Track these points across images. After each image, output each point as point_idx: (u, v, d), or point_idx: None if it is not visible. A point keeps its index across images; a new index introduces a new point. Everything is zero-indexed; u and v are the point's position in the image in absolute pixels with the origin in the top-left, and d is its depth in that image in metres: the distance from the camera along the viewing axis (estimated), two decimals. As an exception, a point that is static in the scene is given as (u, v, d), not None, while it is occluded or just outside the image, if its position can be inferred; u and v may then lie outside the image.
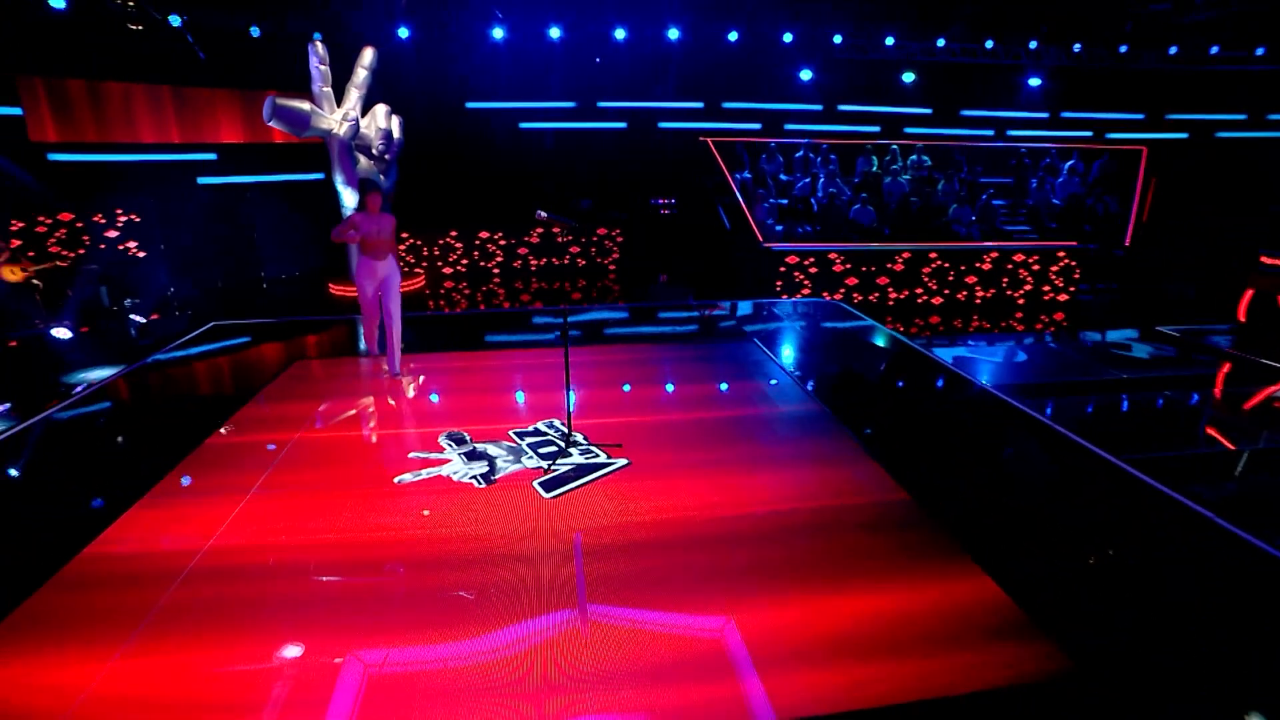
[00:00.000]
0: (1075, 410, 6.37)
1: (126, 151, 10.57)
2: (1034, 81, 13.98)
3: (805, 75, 13.64)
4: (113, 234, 10.93)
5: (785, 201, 12.40)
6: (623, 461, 4.88)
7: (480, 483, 4.61)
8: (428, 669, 3.01)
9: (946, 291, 11.07)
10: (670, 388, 6.54)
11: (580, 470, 4.75)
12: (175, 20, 10.21)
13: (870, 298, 10.93)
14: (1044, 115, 14.96)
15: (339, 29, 11.36)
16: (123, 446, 5.51)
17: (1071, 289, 11.40)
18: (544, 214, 4.76)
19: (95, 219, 10.73)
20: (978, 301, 11.15)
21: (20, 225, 10.12)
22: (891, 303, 10.98)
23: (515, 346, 8.12)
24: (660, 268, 12.53)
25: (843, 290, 10.89)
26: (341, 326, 9.18)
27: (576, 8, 12.49)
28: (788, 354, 7.54)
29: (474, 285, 12.60)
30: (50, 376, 7.32)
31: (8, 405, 6.62)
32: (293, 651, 3.13)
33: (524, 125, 14.08)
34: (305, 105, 9.55)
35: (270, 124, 9.37)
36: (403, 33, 12.26)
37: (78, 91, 9.99)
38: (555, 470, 4.74)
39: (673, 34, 12.80)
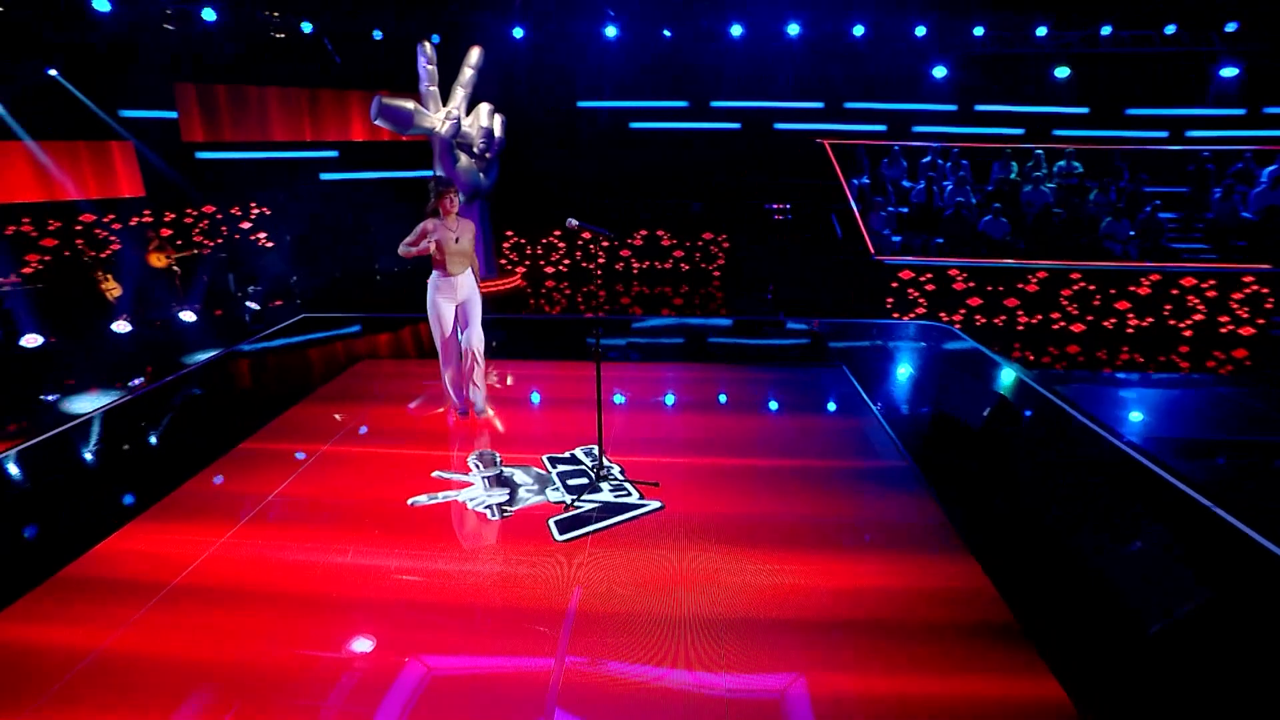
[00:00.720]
0: (1255, 482, 4.99)
1: (260, 149, 11.20)
2: (1228, 72, 11.74)
3: (939, 72, 12.27)
4: (246, 225, 11.67)
5: (905, 210, 11.18)
6: (655, 504, 4.28)
7: (494, 514, 4.19)
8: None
9: (1090, 318, 9.47)
10: (729, 416, 5.83)
11: (606, 510, 4.21)
12: (308, 27, 10.67)
13: (996, 321, 9.57)
14: (1239, 112, 12.55)
15: (455, 30, 11.47)
16: (155, 443, 5.60)
17: (1260, 321, 9.38)
18: (575, 222, 4.25)
19: (232, 211, 11.49)
20: (1130, 331, 9.46)
21: (171, 216, 11.01)
22: (1021, 328, 9.55)
23: (578, 359, 7.64)
24: (768, 277, 11.76)
25: (963, 311, 9.60)
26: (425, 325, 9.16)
27: (691, 4, 11.91)
28: (881, 387, 6.58)
29: (574, 286, 12.38)
30: (174, 357, 7.74)
31: (140, 380, 7.04)
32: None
33: (634, 125, 13.69)
34: (409, 104, 9.64)
35: (376, 122, 9.53)
36: (517, 33, 12.22)
37: (222, 95, 10.68)
38: (579, 507, 4.23)
39: (792, 29, 11.92)
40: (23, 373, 7.43)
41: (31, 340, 8.30)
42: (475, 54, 10.38)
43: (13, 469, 5.05)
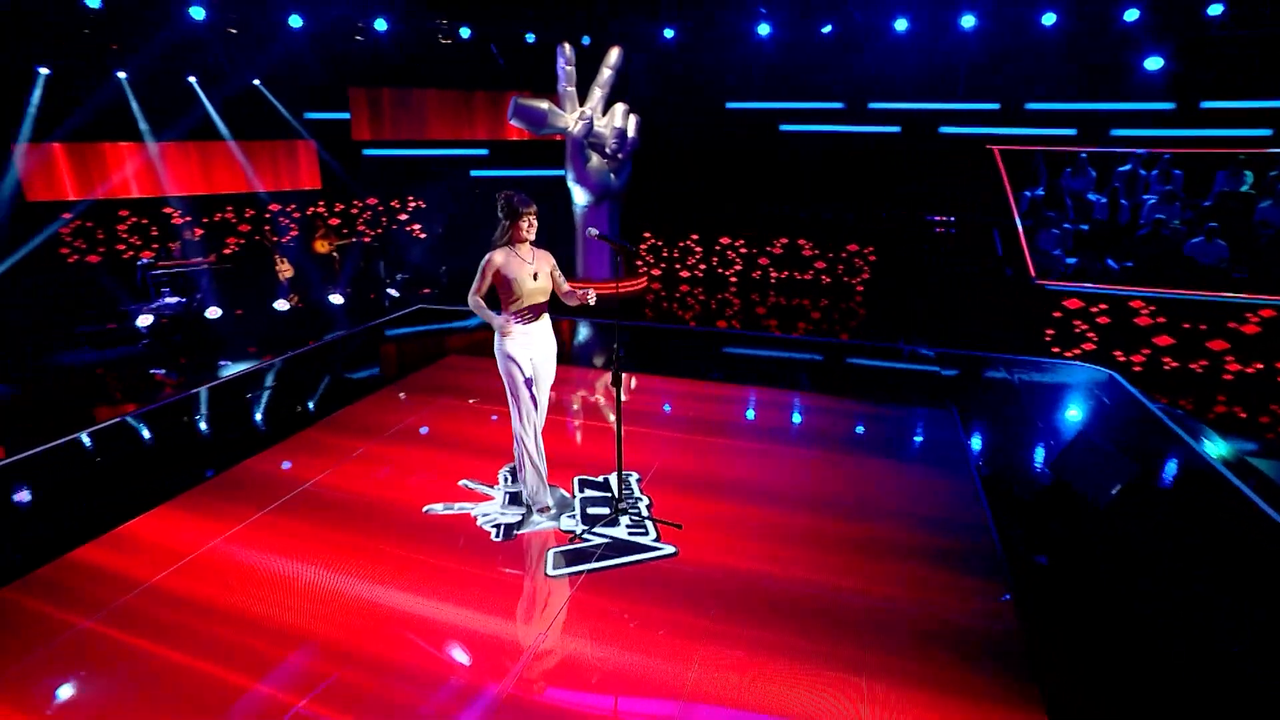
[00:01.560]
0: None
1: (418, 147, 12.01)
2: None
3: (1153, 64, 10.25)
4: (403, 217, 12.59)
5: (1085, 228, 9.48)
6: (669, 550, 3.83)
7: (498, 535, 3.97)
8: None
9: (1333, 376, 7.38)
10: (793, 455, 5.13)
11: (612, 549, 3.83)
12: (466, 32, 11.22)
13: (1191, 366, 7.77)
14: None
15: (606, 32, 11.50)
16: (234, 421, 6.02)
17: None
18: (595, 231, 3.89)
19: (392, 204, 12.44)
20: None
21: (340, 207, 12.15)
22: (1229, 378, 7.68)
23: (689, 375, 7.21)
24: (914, 294, 10.62)
25: (1147, 351, 7.91)
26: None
27: (850, -1, 10.97)
28: (995, 439, 5.51)
29: (709, 292, 11.98)
30: (309, 336, 8.51)
31: (282, 358, 7.81)
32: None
33: (784, 128, 12.94)
34: (544, 104, 9.79)
35: (511, 122, 9.78)
36: (668, 33, 12.01)
37: (387, 97, 11.56)
38: (585, 540, 3.89)
39: (966, 21, 10.55)
40: (197, 340, 8.51)
41: (213, 312, 9.49)
42: (614, 54, 10.34)
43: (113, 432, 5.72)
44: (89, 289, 9.67)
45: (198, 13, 9.13)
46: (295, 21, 9.87)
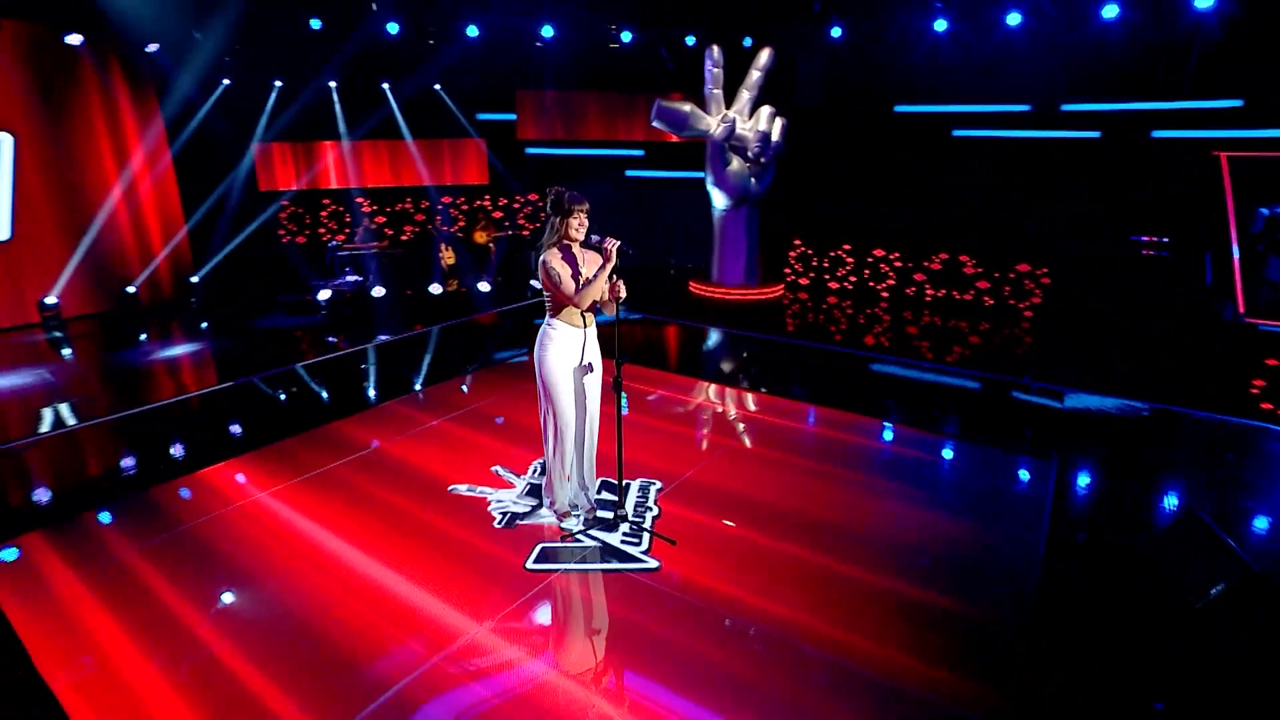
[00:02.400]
0: None
1: (577, 147, 12.65)
2: None
3: None
4: (561, 214, 13.35)
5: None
6: (651, 564, 3.73)
7: (500, 520, 4.13)
8: None
9: None
10: (840, 488, 4.68)
11: (597, 553, 3.82)
12: (627, 36, 11.61)
13: None
14: None
15: (768, 33, 11.27)
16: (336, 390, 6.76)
17: None
18: (596, 238, 3.82)
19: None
20: None
21: (504, 201, 13.18)
22: None
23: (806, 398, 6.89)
24: (1094, 320, 9.22)
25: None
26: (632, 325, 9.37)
27: (1043, -17, 9.72)
28: (1092, 506, 4.59)
29: (857, 306, 11.31)
30: (444, 319, 9.43)
31: (401, 336, 8.79)
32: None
33: (959, 133, 11.81)
34: (686, 107, 9.84)
35: (654, 124, 9.95)
36: (835, 32, 11.49)
37: (551, 99, 12.31)
38: (577, 540, 3.92)
39: (1202, 2, 8.88)
40: (356, 316, 9.75)
41: (378, 291, 10.80)
42: (764, 56, 10.13)
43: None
44: (293, 265, 11.45)
45: (393, 27, 10.42)
46: (472, 31, 10.88)
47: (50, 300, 9.23)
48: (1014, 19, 10.11)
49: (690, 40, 11.93)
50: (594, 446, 4.08)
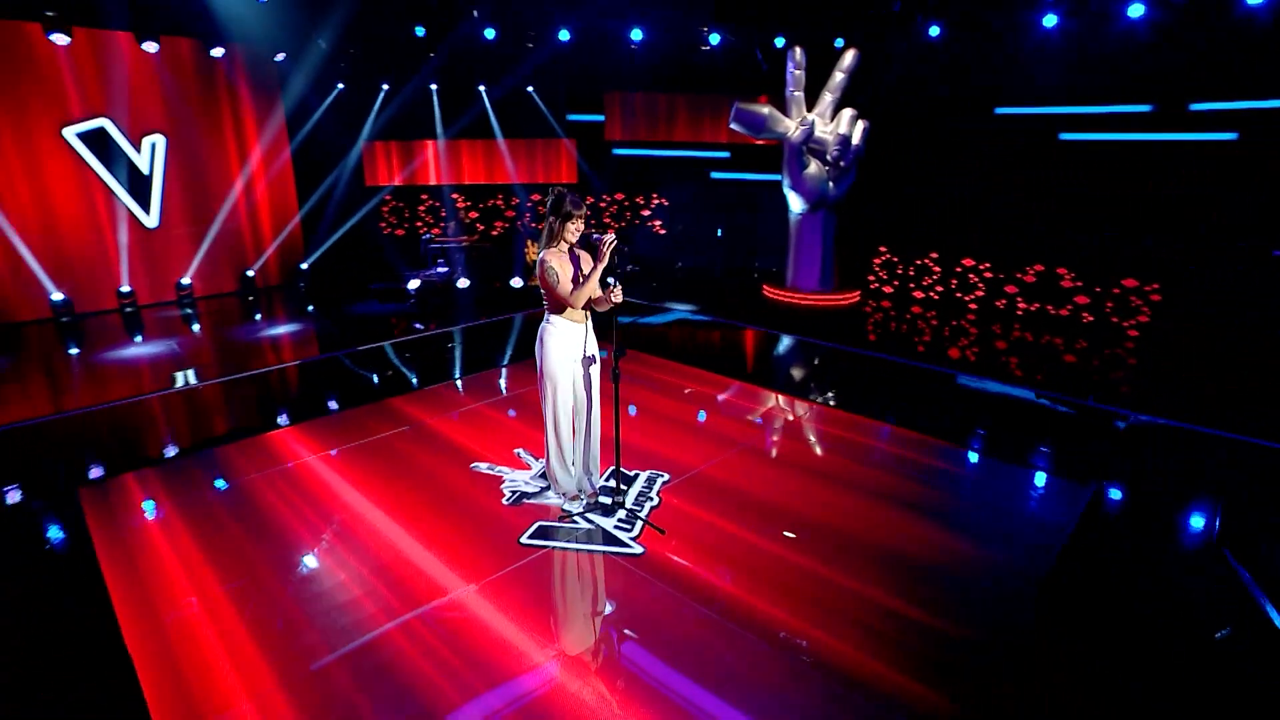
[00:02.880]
0: None
1: (663, 148, 12.95)
2: None
3: None
4: (646, 213, 13.69)
5: None
6: (636, 550, 3.95)
7: (509, 498, 4.49)
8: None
9: None
10: (853, 499, 4.66)
11: (586, 534, 4.09)
12: (715, 39, 11.78)
13: None
14: None
15: (857, 34, 11.11)
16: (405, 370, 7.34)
17: None
18: (598, 236, 4.04)
19: (637, 200, 13.62)
20: None
21: (590, 200, 13.69)
22: None
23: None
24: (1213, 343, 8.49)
25: None
26: (685, 326, 9.50)
27: (1169, -29, 9.00)
28: (1123, 536, 4.30)
29: (943, 318, 10.93)
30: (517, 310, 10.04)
31: (473, 323, 9.43)
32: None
33: (1066, 136, 11.11)
34: (764, 109, 9.89)
35: (731, 126, 10.08)
36: (933, 31, 11.14)
37: (639, 101, 12.68)
38: (573, 522, 4.21)
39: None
40: (447, 304, 10.52)
41: (463, 283, 11.57)
42: (849, 57, 10.02)
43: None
44: (388, 256, 12.46)
45: (489, 32, 11.13)
46: (563, 35, 11.42)
47: (185, 281, 10.59)
48: (1136, 10, 9.42)
49: (779, 42, 11.93)
50: (597, 435, 4.34)
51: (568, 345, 4.10)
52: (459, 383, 6.91)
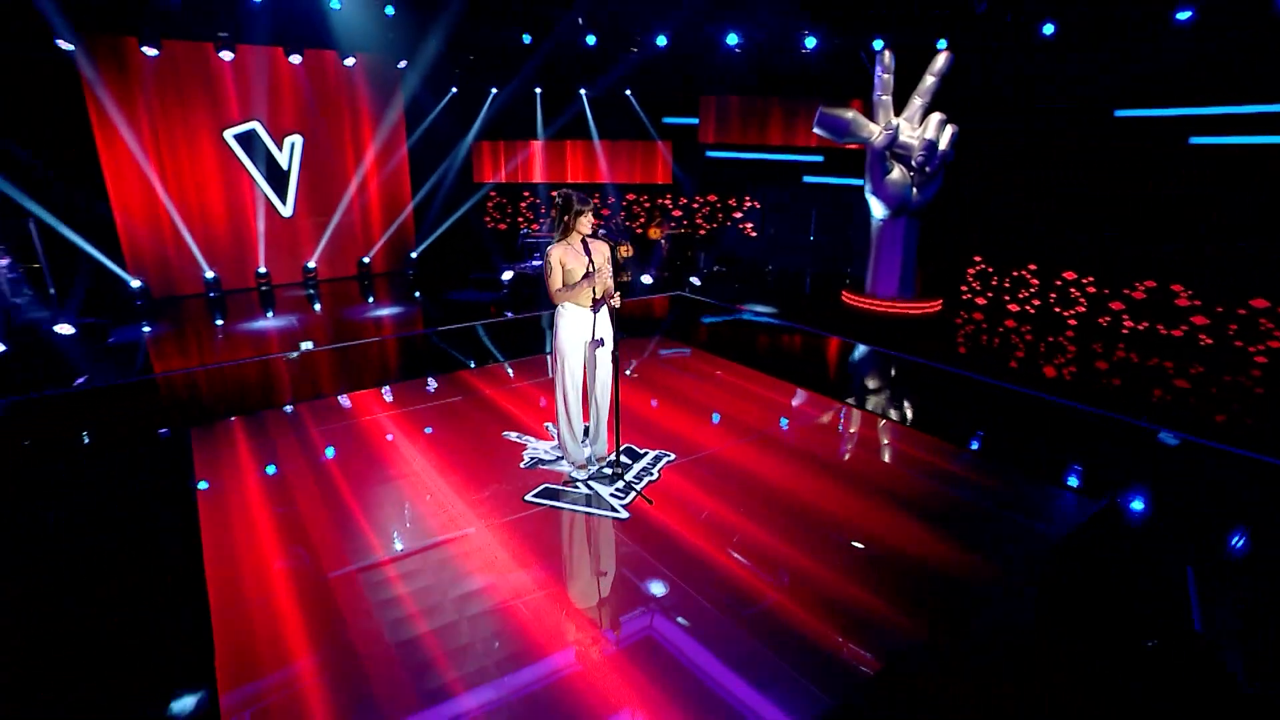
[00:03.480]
0: None
1: (757, 151, 13.30)
2: None
3: None
4: (737, 215, 14.10)
5: None
6: (621, 515, 4.50)
7: (526, 462, 5.18)
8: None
9: None
10: (863, 484, 4.92)
11: (585, 499, 4.70)
12: (811, 41, 12.00)
13: None
14: None
15: (959, 35, 10.96)
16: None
17: None
18: (603, 232, 4.56)
19: (729, 202, 14.06)
20: None
21: (684, 201, 14.28)
22: None
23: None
24: None
25: None
26: (754, 329, 9.78)
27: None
28: (1126, 550, 4.27)
29: (1038, 333, 10.60)
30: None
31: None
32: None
33: (1196, 140, 10.40)
34: (848, 114, 10.05)
35: (815, 131, 10.31)
36: (1047, 29, 10.81)
37: (735, 105, 13.10)
38: (575, 487, 4.82)
39: None
40: (532, 293, 11.49)
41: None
42: (941, 60, 9.98)
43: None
44: (488, 248, 13.65)
45: (590, 39, 12.00)
46: (661, 40, 12.08)
47: (310, 265, 12.21)
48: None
49: (878, 44, 11.94)
50: (605, 411, 4.93)
51: (576, 328, 4.70)
52: (511, 366, 7.74)
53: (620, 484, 4.86)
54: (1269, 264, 9.44)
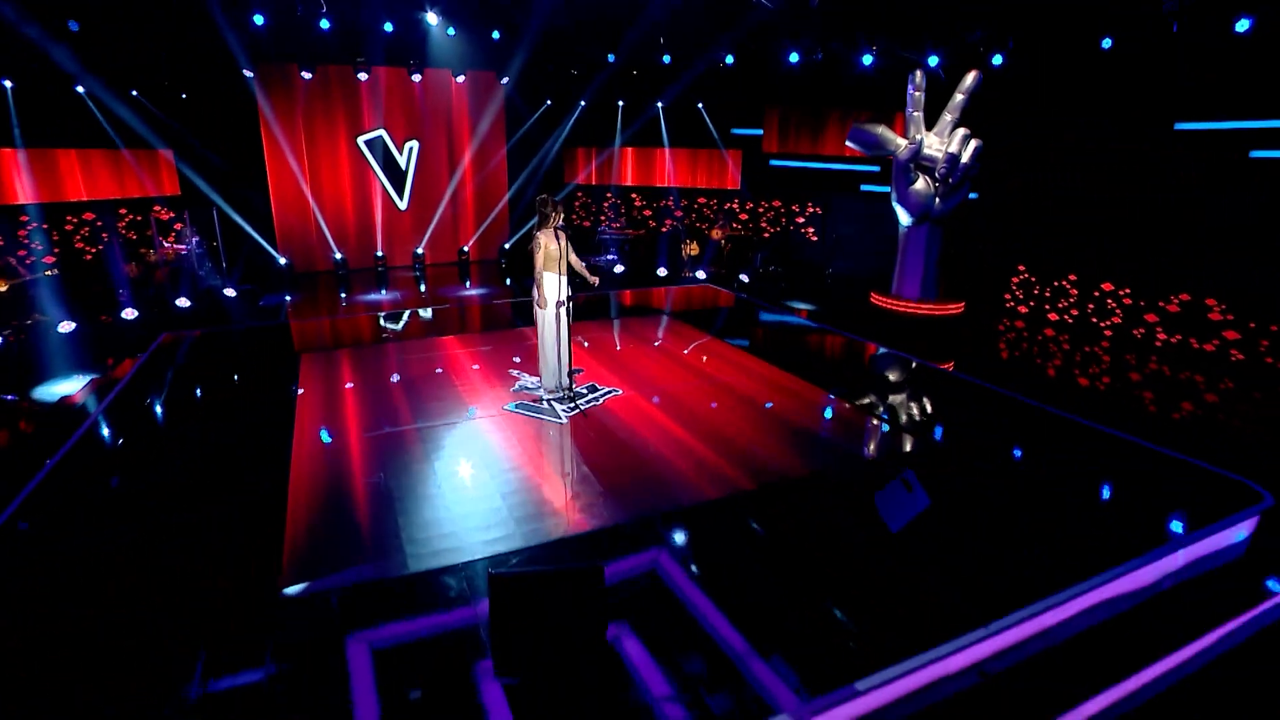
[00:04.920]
0: None
1: (817, 160, 14.93)
2: None
3: None
4: (800, 220, 15.76)
5: None
6: (564, 420, 6.70)
7: (514, 388, 7.54)
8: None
9: None
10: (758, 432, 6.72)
11: (543, 408, 6.98)
12: (868, 59, 13.52)
13: None
14: None
15: (1022, 47, 12.00)
16: None
17: None
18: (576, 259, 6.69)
19: (792, 207, 15.75)
20: None
21: (750, 205, 16.14)
22: None
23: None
24: None
25: None
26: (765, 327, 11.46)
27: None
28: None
29: (1074, 343, 11.51)
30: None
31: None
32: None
33: (1257, 154, 10.73)
34: (877, 129, 11.57)
35: (847, 144, 11.90)
36: (1105, 44, 11.60)
37: (795, 116, 14.83)
38: (540, 403, 7.09)
39: None
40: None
41: (618, 268, 14.84)
42: (970, 78, 11.22)
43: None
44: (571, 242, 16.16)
45: (666, 58, 14.22)
46: (729, 59, 14.08)
47: (419, 251, 15.28)
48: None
49: (933, 60, 13.23)
50: (569, 353, 7.21)
51: (549, 291, 7.02)
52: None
53: (571, 404, 7.06)
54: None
